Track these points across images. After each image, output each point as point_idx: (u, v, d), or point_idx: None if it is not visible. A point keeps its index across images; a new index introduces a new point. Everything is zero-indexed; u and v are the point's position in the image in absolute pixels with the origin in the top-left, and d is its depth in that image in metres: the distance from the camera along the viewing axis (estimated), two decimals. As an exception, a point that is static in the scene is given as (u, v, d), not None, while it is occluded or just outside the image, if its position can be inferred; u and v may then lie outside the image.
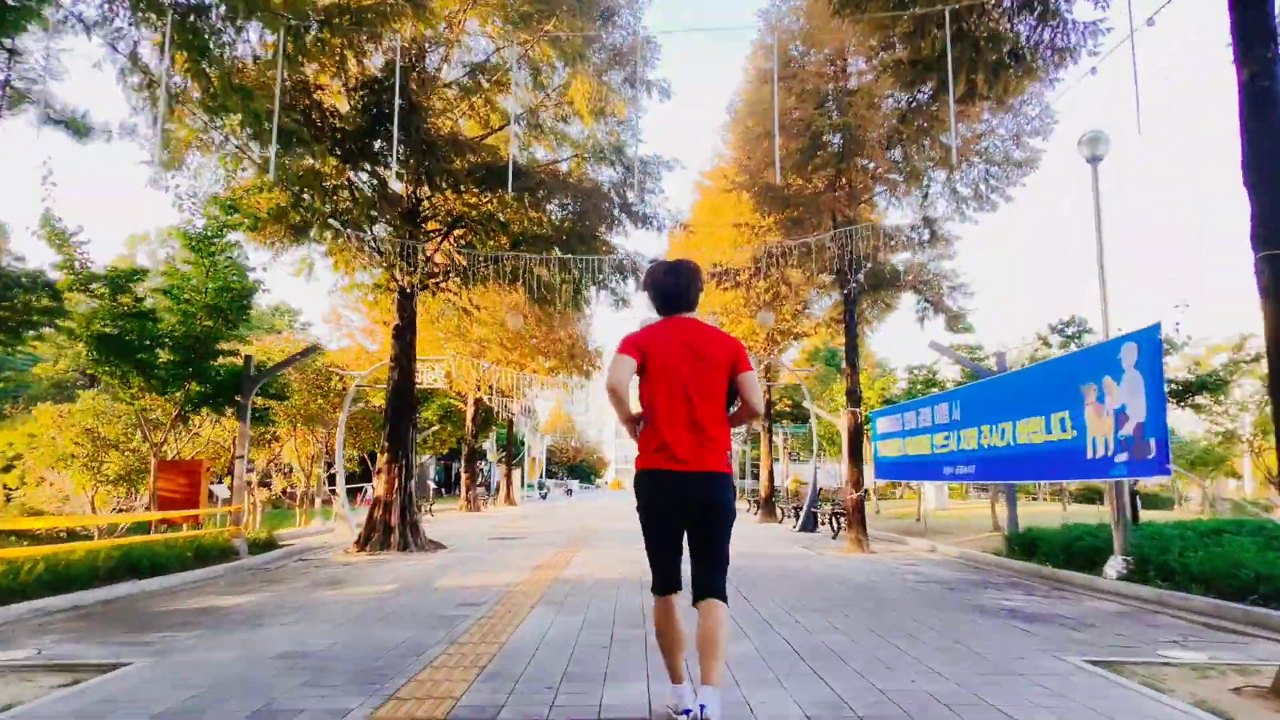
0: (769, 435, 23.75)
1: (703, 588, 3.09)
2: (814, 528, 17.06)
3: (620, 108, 12.40)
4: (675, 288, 3.31)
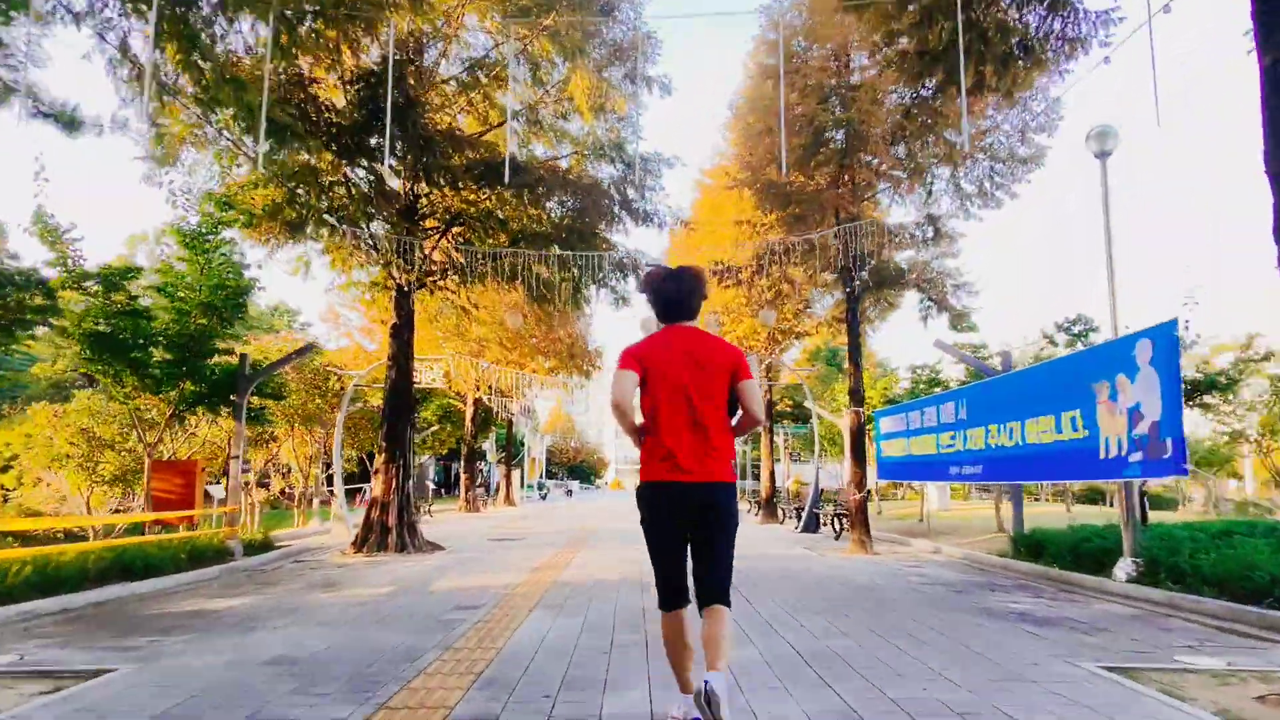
0: (770, 436, 23.62)
1: (707, 594, 3.08)
2: (816, 528, 16.93)
3: (620, 104, 12.25)
4: (677, 295, 3.26)
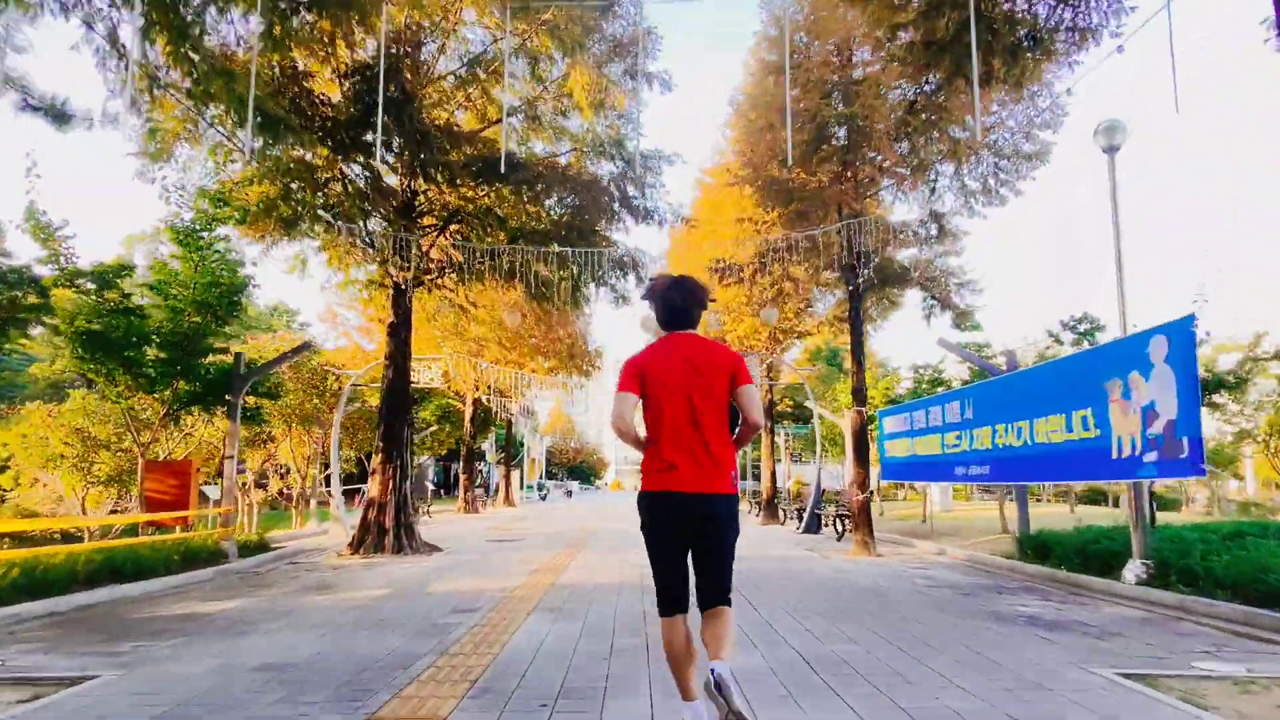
0: (771, 436, 23.46)
1: (708, 598, 3.10)
2: (818, 529, 16.79)
3: (620, 100, 12.09)
4: (680, 304, 3.30)
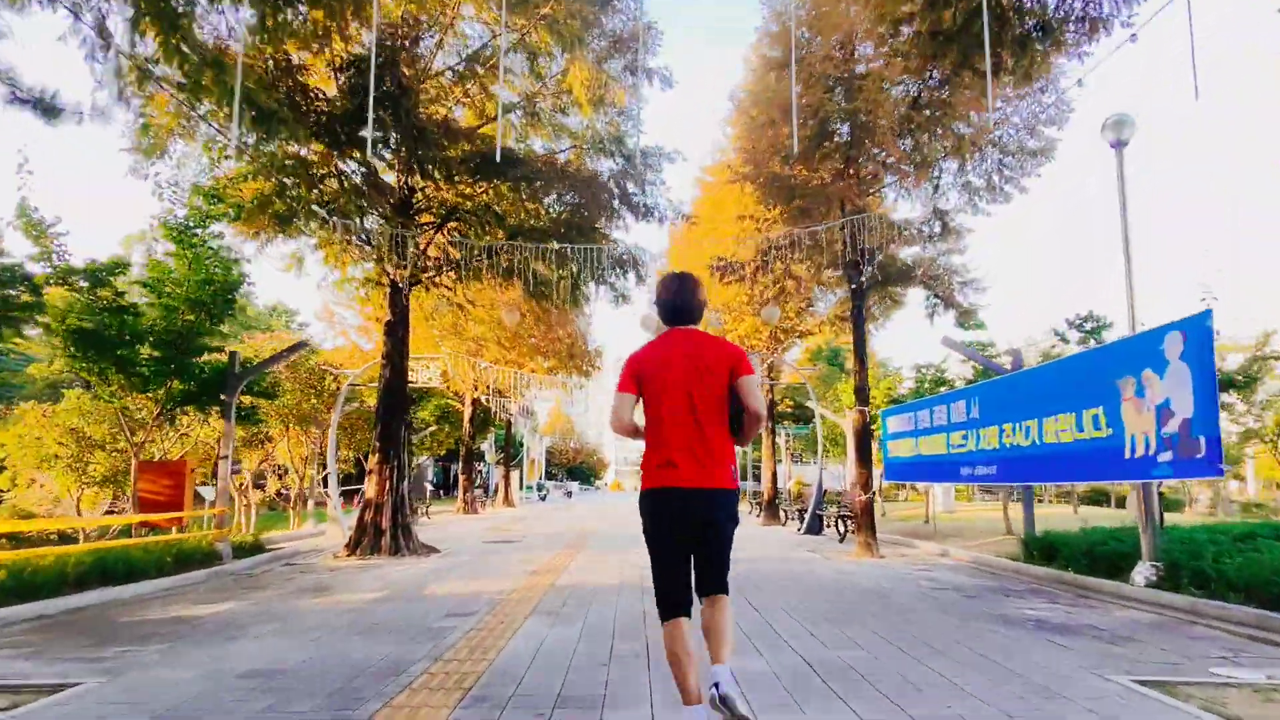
0: (771, 437, 23.29)
1: (706, 587, 3.15)
2: (819, 530, 16.64)
3: (620, 96, 11.96)
4: (683, 299, 3.36)
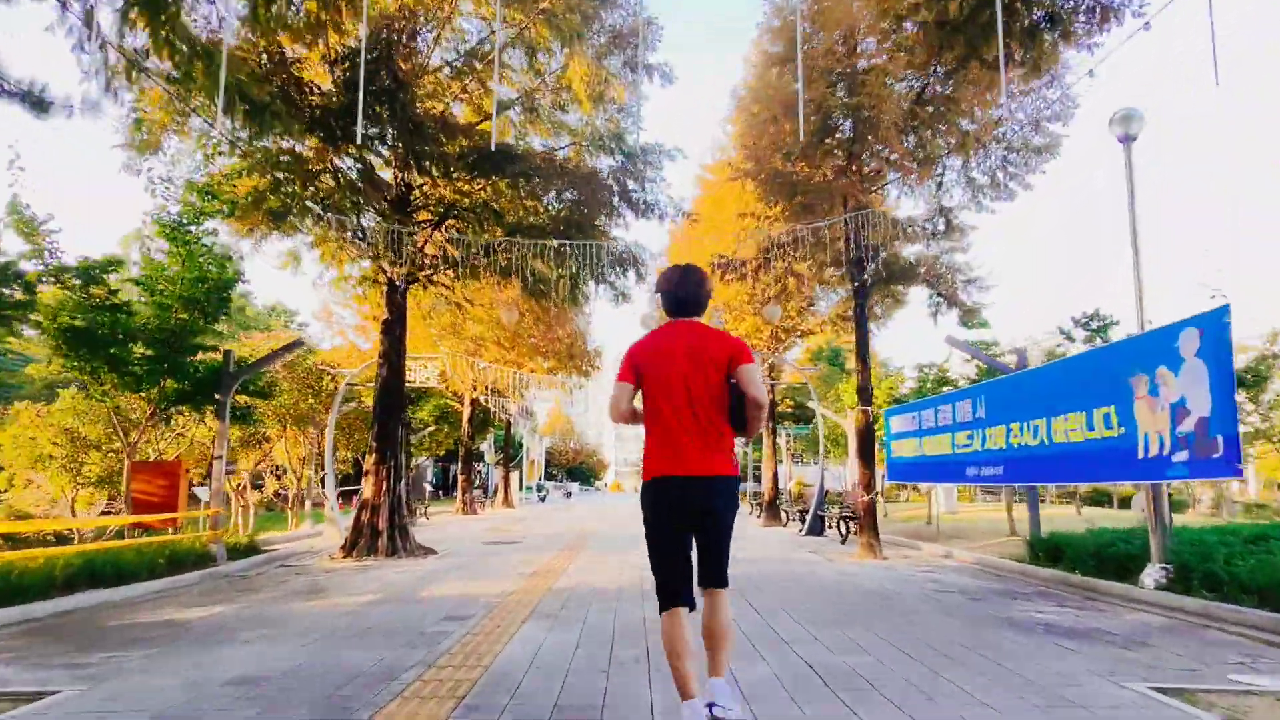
0: (772, 437, 23.14)
1: (707, 578, 3.16)
2: (821, 531, 16.50)
3: (620, 92, 11.81)
4: (686, 291, 3.38)
